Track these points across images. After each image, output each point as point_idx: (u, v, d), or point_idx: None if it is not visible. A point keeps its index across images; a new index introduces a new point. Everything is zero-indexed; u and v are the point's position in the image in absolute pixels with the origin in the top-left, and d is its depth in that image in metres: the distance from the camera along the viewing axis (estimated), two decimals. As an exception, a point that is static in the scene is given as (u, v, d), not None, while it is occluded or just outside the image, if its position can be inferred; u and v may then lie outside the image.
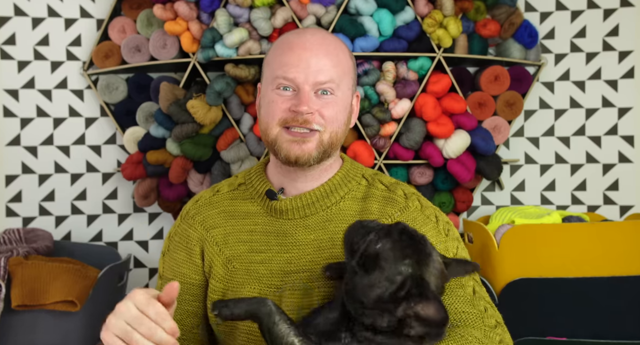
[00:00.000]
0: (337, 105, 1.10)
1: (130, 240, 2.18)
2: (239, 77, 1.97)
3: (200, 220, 1.18)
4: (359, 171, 1.20)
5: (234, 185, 1.22)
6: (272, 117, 1.10)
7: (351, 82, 1.15)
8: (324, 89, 1.09)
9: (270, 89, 1.11)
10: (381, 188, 1.17)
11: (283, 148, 1.09)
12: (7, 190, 2.12)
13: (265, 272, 1.13)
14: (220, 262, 1.15)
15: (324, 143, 1.10)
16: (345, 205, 1.15)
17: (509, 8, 2.06)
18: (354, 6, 1.97)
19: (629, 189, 2.17)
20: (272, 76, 1.11)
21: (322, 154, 1.10)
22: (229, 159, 1.99)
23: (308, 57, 1.08)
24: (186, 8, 1.95)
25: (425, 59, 2.01)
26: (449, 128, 1.97)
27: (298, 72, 1.08)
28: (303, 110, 1.06)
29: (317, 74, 1.08)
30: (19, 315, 1.63)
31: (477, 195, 2.21)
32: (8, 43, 2.10)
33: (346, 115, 1.13)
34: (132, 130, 2.06)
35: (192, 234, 1.18)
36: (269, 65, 1.14)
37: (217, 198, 1.21)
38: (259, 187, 1.17)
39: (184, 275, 1.16)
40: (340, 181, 1.16)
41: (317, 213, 1.14)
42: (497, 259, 1.74)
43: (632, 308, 1.70)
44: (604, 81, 2.17)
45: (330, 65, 1.09)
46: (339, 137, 1.12)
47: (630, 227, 1.74)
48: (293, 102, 1.08)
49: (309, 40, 1.11)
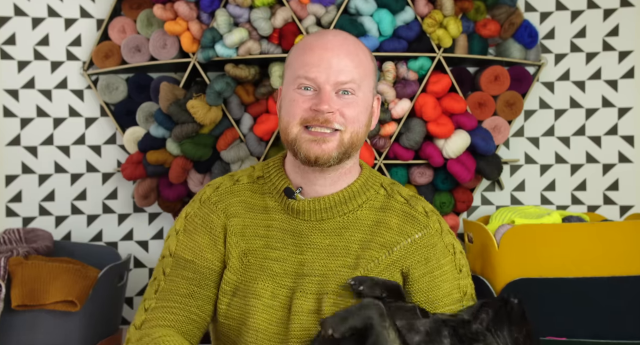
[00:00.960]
0: (358, 105, 1.10)
1: (130, 240, 2.18)
2: (239, 77, 1.97)
3: (222, 208, 1.17)
4: (378, 180, 1.20)
5: (253, 178, 1.21)
6: (292, 116, 1.10)
7: (372, 84, 1.15)
8: (345, 89, 1.09)
9: (292, 88, 1.11)
10: (400, 200, 1.18)
11: (303, 147, 1.09)
12: (7, 190, 2.12)
13: (279, 271, 1.13)
14: (236, 253, 1.14)
15: (345, 143, 1.09)
16: (363, 214, 1.15)
17: (509, 8, 2.06)
18: (354, 6, 1.97)
19: (629, 189, 2.17)
20: (294, 76, 1.11)
21: (343, 155, 1.10)
22: (229, 159, 1.99)
23: (329, 57, 1.09)
24: (186, 8, 1.95)
25: (425, 59, 2.01)
26: (449, 128, 1.97)
27: (319, 72, 1.08)
28: (324, 109, 1.06)
29: (338, 73, 1.08)
30: (19, 315, 1.63)
31: (477, 195, 2.21)
32: (8, 43, 2.10)
33: (367, 116, 1.13)
34: (132, 130, 2.06)
35: (216, 220, 1.17)
36: (290, 66, 1.14)
37: (237, 188, 1.20)
38: (277, 183, 1.17)
39: (208, 260, 1.15)
40: (359, 189, 1.16)
41: (333, 218, 1.14)
42: (497, 259, 1.74)
43: (632, 308, 1.70)
44: (604, 81, 2.17)
45: (352, 66, 1.09)
46: (360, 137, 1.12)
47: (630, 227, 1.74)
48: (314, 102, 1.08)
49: (331, 41, 1.11)
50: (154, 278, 1.17)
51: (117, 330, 1.89)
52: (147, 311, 1.11)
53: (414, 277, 1.14)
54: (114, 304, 1.86)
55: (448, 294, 1.14)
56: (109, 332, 1.83)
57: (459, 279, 1.15)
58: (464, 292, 1.15)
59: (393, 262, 1.14)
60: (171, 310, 1.11)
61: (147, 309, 1.11)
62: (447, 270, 1.15)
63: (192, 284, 1.13)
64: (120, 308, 1.94)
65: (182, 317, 1.11)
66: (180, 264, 1.15)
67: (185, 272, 1.14)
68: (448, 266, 1.15)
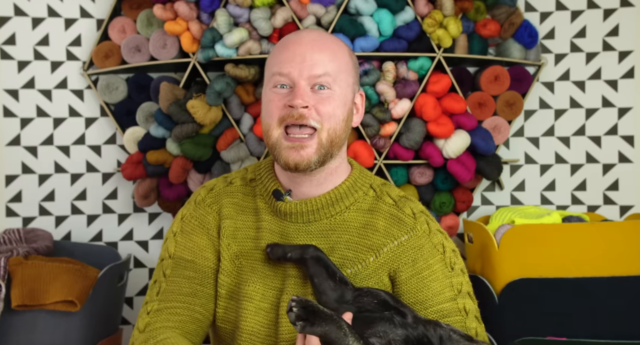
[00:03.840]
0: (334, 100, 1.09)
1: (130, 240, 2.18)
2: (239, 77, 1.97)
3: (216, 209, 1.18)
4: (367, 180, 1.19)
5: (246, 180, 1.21)
6: (270, 116, 1.10)
7: (351, 80, 1.13)
8: (319, 83, 1.08)
9: (269, 88, 1.11)
10: (389, 202, 1.16)
11: (282, 155, 1.08)
12: (7, 190, 2.12)
13: (268, 272, 1.13)
14: (228, 256, 1.15)
15: (324, 143, 1.08)
16: (350, 216, 1.14)
17: (509, 8, 2.06)
18: (354, 6, 1.97)
19: (629, 189, 2.17)
20: (270, 75, 1.11)
21: (324, 156, 1.09)
22: (229, 159, 1.99)
23: (303, 51, 1.08)
24: (186, 8, 1.95)
25: (425, 59, 2.01)
26: (449, 128, 1.97)
27: (292, 67, 1.07)
28: (297, 104, 1.05)
29: (311, 67, 1.07)
30: (19, 315, 1.63)
31: (477, 195, 2.21)
32: (8, 43, 2.10)
33: (345, 112, 1.11)
34: (132, 130, 2.06)
35: (212, 221, 1.17)
36: (267, 66, 1.14)
37: (231, 189, 1.20)
38: (268, 185, 1.17)
39: (208, 259, 1.16)
40: (347, 190, 1.15)
41: (320, 220, 1.13)
42: (497, 259, 1.74)
43: (632, 308, 1.70)
44: (604, 81, 2.17)
45: (326, 59, 1.08)
46: (339, 134, 1.10)
47: (630, 227, 1.74)
48: (288, 98, 1.07)
49: (304, 37, 1.11)
50: (154, 281, 1.17)
51: (117, 330, 1.89)
52: (150, 314, 1.11)
53: (402, 279, 1.12)
54: (114, 304, 1.86)
55: (439, 292, 1.12)
56: (109, 332, 1.83)
57: (451, 277, 1.12)
58: (458, 289, 1.12)
59: (381, 265, 1.13)
60: (174, 310, 1.11)
61: (150, 312, 1.11)
62: (437, 269, 1.13)
63: (195, 283, 1.13)
64: (120, 308, 1.94)
65: (185, 317, 1.11)
66: (181, 265, 1.15)
67: (186, 272, 1.14)
68: (437, 265, 1.13)
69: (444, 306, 1.11)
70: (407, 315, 1.00)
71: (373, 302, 1.03)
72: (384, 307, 1.02)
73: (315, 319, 0.89)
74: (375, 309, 1.02)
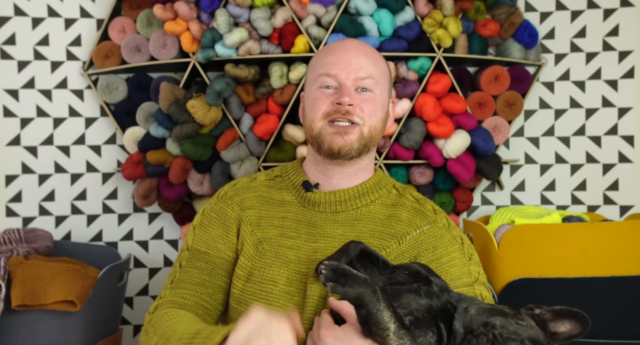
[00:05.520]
0: (375, 102, 1.19)
1: (130, 240, 2.18)
2: (239, 77, 1.97)
3: (238, 201, 1.24)
4: (391, 181, 1.28)
5: (271, 176, 1.28)
6: (316, 112, 1.18)
7: (387, 86, 1.24)
8: (363, 86, 1.18)
9: (314, 88, 1.20)
10: (411, 199, 1.25)
11: (327, 139, 1.16)
12: (7, 190, 2.12)
13: (293, 258, 1.17)
14: (251, 241, 1.20)
15: (364, 136, 1.17)
16: (375, 208, 1.21)
17: (509, 8, 2.06)
18: (354, 6, 1.97)
19: (629, 189, 2.17)
20: (316, 76, 1.20)
21: (363, 147, 1.17)
22: (229, 159, 1.99)
23: (349, 56, 1.19)
24: (186, 8, 1.95)
25: (425, 59, 2.01)
26: (449, 128, 1.97)
27: (340, 70, 1.17)
28: (345, 101, 1.15)
29: (357, 70, 1.17)
30: (19, 315, 1.63)
31: (477, 195, 2.21)
32: (8, 43, 2.10)
33: (383, 114, 1.21)
34: (132, 130, 2.06)
35: (230, 213, 1.23)
36: (312, 68, 1.23)
37: (254, 184, 1.27)
38: (295, 179, 1.24)
39: (219, 250, 1.21)
40: (372, 186, 1.23)
41: (347, 211, 1.20)
42: (497, 259, 1.75)
43: (632, 308, 1.70)
44: (604, 81, 2.17)
45: (369, 64, 1.19)
46: (377, 133, 1.20)
47: (630, 227, 1.74)
48: (335, 96, 1.17)
49: (349, 44, 1.22)
50: (172, 271, 1.24)
51: (117, 330, 1.89)
52: (162, 298, 1.18)
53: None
54: (114, 304, 1.86)
55: (457, 277, 1.17)
56: (109, 332, 1.83)
57: (469, 265, 1.19)
58: (475, 278, 1.18)
59: (402, 252, 1.18)
60: (182, 296, 1.17)
61: (162, 297, 1.19)
62: (456, 256, 1.19)
63: (204, 273, 1.19)
64: (120, 308, 1.94)
65: (192, 303, 1.17)
66: (196, 256, 1.22)
67: (198, 263, 1.20)
68: (456, 253, 1.20)
69: (461, 290, 1.16)
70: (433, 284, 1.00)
71: (404, 273, 1.04)
72: (415, 277, 1.02)
73: (347, 280, 0.88)
74: (406, 280, 1.02)
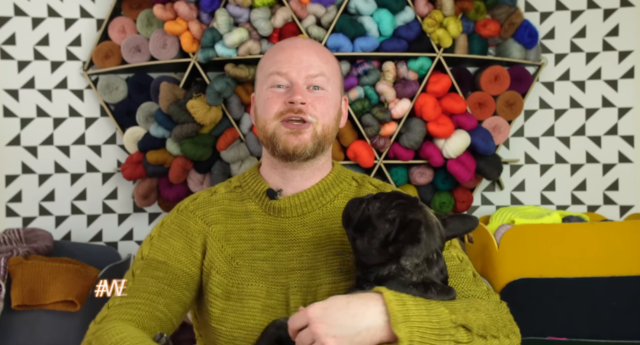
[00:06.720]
0: (327, 100, 1.16)
1: (130, 240, 2.18)
2: (239, 77, 1.97)
3: (200, 215, 1.19)
4: (349, 174, 1.26)
5: (230, 188, 1.24)
6: (268, 112, 1.15)
7: (339, 84, 1.21)
8: (315, 84, 1.15)
9: (265, 88, 1.17)
10: (371, 188, 1.23)
11: (281, 140, 1.14)
12: (7, 190, 2.12)
13: (270, 270, 1.14)
14: (222, 257, 1.16)
15: (318, 134, 1.14)
16: (339, 203, 1.20)
17: (509, 8, 2.06)
18: (354, 6, 1.97)
19: (629, 189, 2.17)
20: (266, 75, 1.17)
21: (317, 146, 1.15)
22: (229, 159, 1.99)
23: (299, 54, 1.16)
24: (186, 8, 1.95)
25: (425, 59, 2.01)
26: (449, 128, 1.97)
27: (290, 68, 1.15)
28: (297, 100, 1.12)
29: (308, 68, 1.15)
30: (19, 315, 1.63)
31: (477, 195, 2.21)
32: (8, 43, 2.10)
33: (336, 112, 1.19)
34: (132, 130, 2.06)
35: (193, 226, 1.18)
36: (262, 68, 1.20)
37: (215, 197, 1.22)
38: (256, 187, 1.21)
39: (181, 262, 1.15)
40: (332, 181, 1.21)
41: (313, 211, 1.18)
42: (497, 259, 1.75)
43: (632, 308, 1.70)
44: (604, 81, 2.17)
45: (321, 62, 1.17)
46: (330, 131, 1.17)
47: (630, 227, 1.74)
48: (287, 95, 1.14)
49: (300, 42, 1.20)
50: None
51: (117, 330, 1.89)
52: (110, 308, 1.11)
53: None
54: (114, 304, 1.86)
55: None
56: (109, 332, 1.82)
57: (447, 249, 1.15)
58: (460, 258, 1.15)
59: None
60: (135, 306, 1.10)
61: (110, 306, 1.12)
62: None
63: (163, 283, 1.13)
64: (120, 308, 1.93)
65: (145, 313, 1.10)
66: (152, 265, 1.15)
67: (156, 272, 1.14)
68: None
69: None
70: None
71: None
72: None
73: None
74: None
